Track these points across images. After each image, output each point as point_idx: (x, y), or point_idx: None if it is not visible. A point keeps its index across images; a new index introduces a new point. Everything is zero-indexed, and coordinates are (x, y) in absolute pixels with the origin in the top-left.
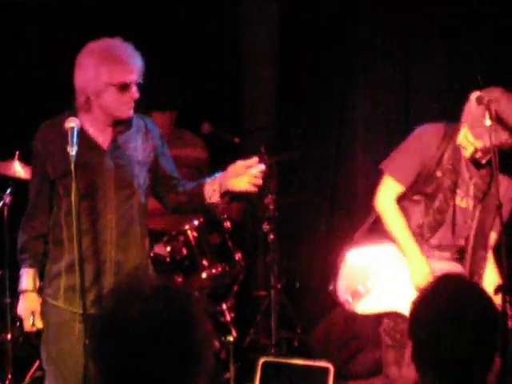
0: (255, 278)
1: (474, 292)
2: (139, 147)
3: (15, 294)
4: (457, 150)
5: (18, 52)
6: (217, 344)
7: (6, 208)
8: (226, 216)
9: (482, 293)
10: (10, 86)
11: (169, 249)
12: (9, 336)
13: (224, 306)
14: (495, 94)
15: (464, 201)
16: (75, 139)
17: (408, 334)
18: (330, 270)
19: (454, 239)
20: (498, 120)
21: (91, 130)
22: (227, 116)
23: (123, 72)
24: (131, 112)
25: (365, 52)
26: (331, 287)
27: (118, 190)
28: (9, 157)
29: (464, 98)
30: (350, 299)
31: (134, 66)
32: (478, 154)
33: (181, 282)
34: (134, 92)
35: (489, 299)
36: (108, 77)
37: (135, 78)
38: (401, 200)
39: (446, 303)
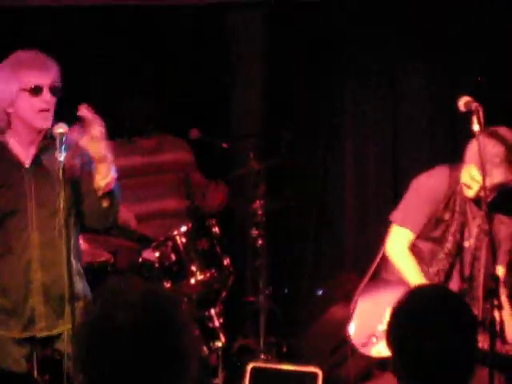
0: (244, 283)
1: (448, 297)
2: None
3: None
4: (461, 192)
5: None
6: (205, 350)
7: None
8: (214, 222)
9: (454, 295)
10: None
11: (157, 254)
12: None
13: (213, 312)
14: (502, 131)
15: (467, 242)
16: (63, 145)
17: (387, 343)
18: (318, 276)
19: (462, 282)
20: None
21: (16, 147)
22: (215, 122)
23: (32, 75)
24: (48, 122)
25: (353, 57)
26: (347, 333)
27: (38, 208)
28: None
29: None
30: (365, 345)
31: (44, 69)
32: (482, 193)
33: (169, 287)
34: (45, 95)
35: (464, 303)
36: (18, 82)
37: (47, 80)
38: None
39: (422, 310)
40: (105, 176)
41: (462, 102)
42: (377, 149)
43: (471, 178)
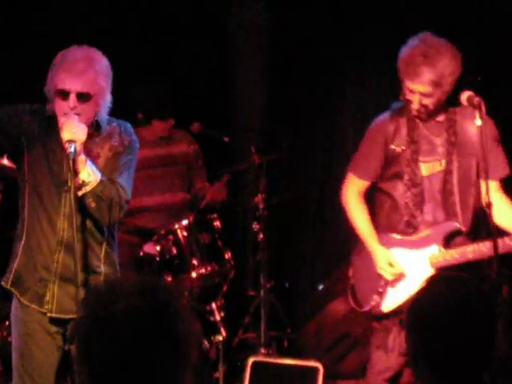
0: (245, 277)
1: (471, 287)
2: (103, 154)
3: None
4: (411, 120)
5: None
6: (206, 343)
7: None
8: (215, 215)
9: (478, 288)
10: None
11: (158, 248)
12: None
13: (214, 306)
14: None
15: (431, 164)
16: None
17: (406, 329)
18: (319, 270)
19: (443, 209)
20: (401, 65)
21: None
22: (217, 116)
23: (63, 79)
24: None
25: (355, 50)
26: (351, 302)
27: (72, 196)
28: None
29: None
30: (374, 302)
31: (75, 73)
32: (425, 101)
33: (170, 281)
34: (72, 100)
35: (484, 293)
36: (54, 84)
37: (75, 86)
38: (378, 193)
39: (444, 299)
40: (79, 175)
41: (465, 97)
42: None
43: (408, 91)
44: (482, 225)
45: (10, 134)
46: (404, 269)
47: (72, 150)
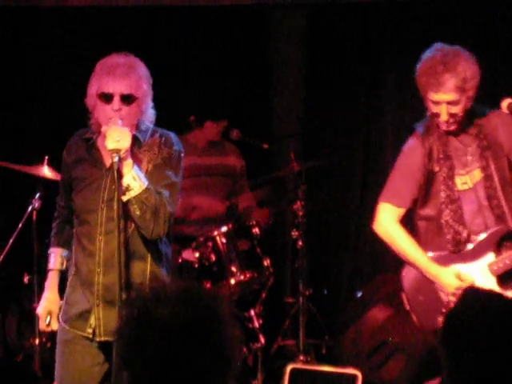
0: (284, 284)
1: (501, 299)
2: (142, 166)
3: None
4: (441, 136)
5: (51, 57)
6: (245, 350)
7: (34, 212)
8: (254, 222)
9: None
10: (42, 92)
11: (197, 255)
12: (37, 341)
13: (252, 313)
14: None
15: (472, 174)
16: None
17: (440, 344)
18: (357, 277)
19: (492, 215)
20: (422, 77)
21: (103, 148)
22: (256, 123)
23: (105, 82)
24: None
25: (392, 54)
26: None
27: (110, 211)
28: (38, 161)
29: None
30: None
31: (117, 76)
32: (453, 110)
33: (209, 288)
34: (115, 103)
35: None
36: (95, 88)
37: (117, 89)
38: (417, 219)
39: (480, 315)
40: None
41: (505, 104)
42: None
43: (433, 104)
44: None
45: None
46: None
47: (116, 159)
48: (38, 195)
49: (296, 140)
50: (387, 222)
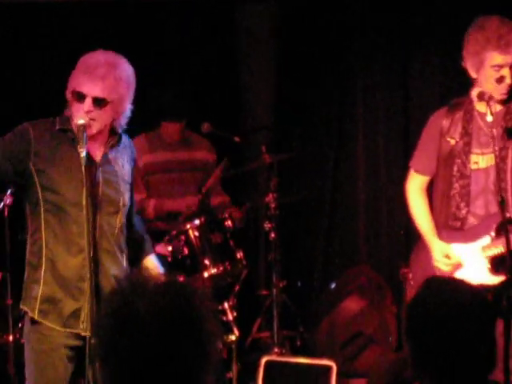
0: (257, 277)
1: (464, 288)
2: (125, 165)
3: (17, 296)
4: (467, 112)
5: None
6: (219, 343)
7: (6, 209)
8: (227, 215)
9: (472, 288)
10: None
11: (170, 248)
12: (10, 337)
13: (226, 305)
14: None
15: (490, 156)
16: (84, 138)
17: (405, 335)
18: (331, 269)
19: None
20: (489, 43)
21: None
22: (227, 116)
23: (82, 81)
24: (89, 130)
25: (364, 46)
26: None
27: (102, 206)
28: None
29: None
30: None
31: (95, 78)
32: (498, 95)
33: (187, 281)
34: (87, 104)
35: (480, 292)
36: (73, 84)
37: (92, 91)
38: (434, 187)
39: (440, 301)
40: None
41: (476, 93)
42: (388, 141)
43: (495, 70)
44: None
45: (16, 171)
46: (461, 260)
47: (84, 155)
48: (9, 191)
49: (267, 132)
50: (410, 186)
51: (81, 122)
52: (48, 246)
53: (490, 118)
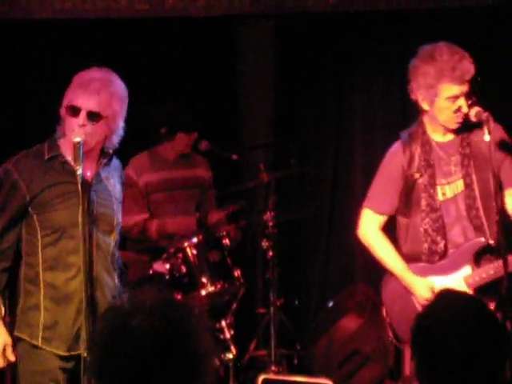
0: (255, 295)
1: (473, 303)
2: (116, 185)
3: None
4: (424, 144)
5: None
6: (216, 361)
7: None
8: (225, 233)
9: (481, 303)
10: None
11: (168, 266)
12: None
13: (223, 323)
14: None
15: (455, 185)
16: (81, 156)
17: (411, 348)
18: (328, 287)
19: (472, 227)
20: (443, 75)
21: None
22: (225, 133)
23: (76, 95)
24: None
25: (362, 66)
26: (392, 339)
27: (97, 225)
28: None
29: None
30: None
31: (90, 92)
32: (453, 124)
33: (180, 299)
34: (81, 118)
35: (488, 309)
36: (67, 99)
37: (86, 105)
38: (398, 225)
39: (448, 316)
40: None
41: (473, 113)
42: None
43: (451, 101)
44: None
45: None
46: None
47: (80, 172)
48: None
49: (265, 151)
50: (368, 228)
51: (77, 139)
52: (46, 270)
53: (487, 138)
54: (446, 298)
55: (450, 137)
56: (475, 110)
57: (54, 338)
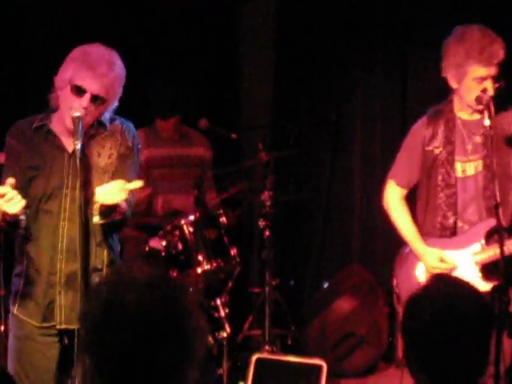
0: (250, 274)
1: (467, 291)
2: (104, 153)
3: (9, 286)
4: (449, 121)
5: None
6: (210, 340)
7: None
8: (222, 211)
9: (474, 290)
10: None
11: (164, 243)
12: (2, 328)
13: (218, 302)
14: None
15: (476, 163)
16: (80, 130)
17: (401, 332)
18: (324, 268)
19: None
20: (471, 56)
21: (62, 134)
22: (225, 112)
23: (83, 76)
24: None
25: (363, 54)
26: (399, 311)
27: (73, 196)
28: None
29: None
30: None
31: (98, 75)
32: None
33: (176, 276)
34: (85, 100)
35: (481, 297)
36: (70, 74)
37: (93, 87)
38: (417, 198)
39: (440, 302)
40: (100, 214)
41: (474, 96)
42: (385, 142)
43: (477, 82)
44: None
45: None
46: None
47: (79, 146)
48: None
49: (264, 131)
50: (389, 198)
51: (76, 114)
52: (27, 241)
53: (487, 122)
54: (439, 283)
55: (477, 116)
56: (476, 94)
57: (28, 307)
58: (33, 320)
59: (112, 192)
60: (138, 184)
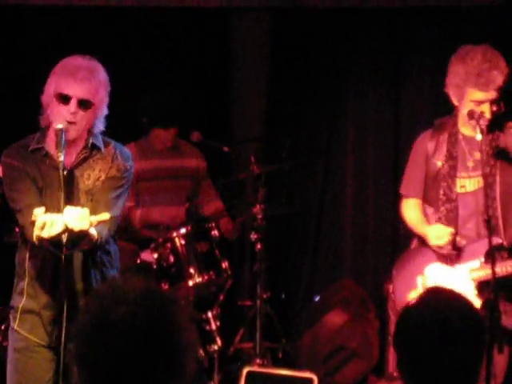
0: (241, 287)
1: (460, 304)
2: (93, 176)
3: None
4: (452, 135)
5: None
6: (201, 352)
7: None
8: (213, 224)
9: (468, 305)
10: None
11: (156, 256)
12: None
13: (209, 315)
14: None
15: (477, 180)
16: (63, 143)
17: (394, 343)
18: (315, 282)
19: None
20: (469, 79)
21: (54, 150)
22: (217, 125)
23: (65, 83)
24: (72, 133)
25: (356, 59)
26: (392, 317)
27: None
28: None
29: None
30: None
31: (79, 80)
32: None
33: (167, 289)
34: (72, 106)
35: (475, 311)
36: (53, 87)
37: (77, 92)
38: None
39: (433, 314)
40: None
41: (466, 111)
42: (378, 157)
43: (475, 104)
44: None
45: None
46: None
47: (62, 158)
48: None
49: (257, 144)
50: (403, 211)
51: (59, 126)
52: (30, 258)
53: (479, 137)
54: (433, 295)
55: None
56: (468, 109)
57: (28, 324)
58: (33, 337)
59: (79, 217)
60: (104, 216)
